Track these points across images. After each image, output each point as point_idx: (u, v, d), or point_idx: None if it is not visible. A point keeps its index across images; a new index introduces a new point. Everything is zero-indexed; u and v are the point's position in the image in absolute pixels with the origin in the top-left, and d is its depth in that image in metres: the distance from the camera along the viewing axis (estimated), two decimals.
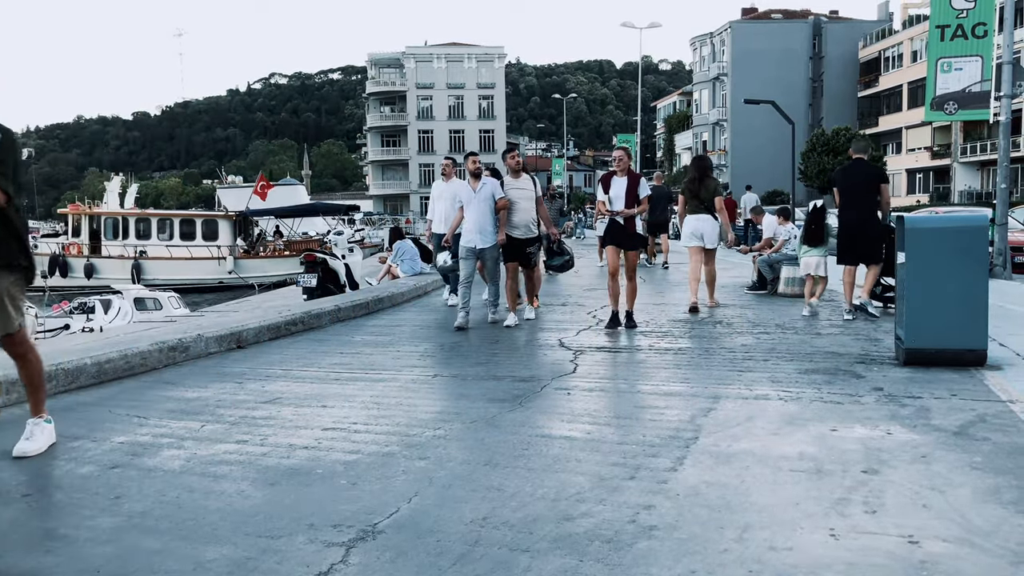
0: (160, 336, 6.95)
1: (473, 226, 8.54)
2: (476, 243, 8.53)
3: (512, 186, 8.80)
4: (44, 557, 2.94)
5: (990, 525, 3.05)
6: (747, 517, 3.17)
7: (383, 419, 4.87)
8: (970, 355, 5.96)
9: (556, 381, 5.76)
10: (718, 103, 62.98)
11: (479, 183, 8.60)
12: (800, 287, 10.47)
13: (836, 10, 67.86)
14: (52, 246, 35.60)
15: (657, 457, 3.96)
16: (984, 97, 15.79)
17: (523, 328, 8.49)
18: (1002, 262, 13.83)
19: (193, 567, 2.82)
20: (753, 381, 5.67)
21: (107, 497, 3.54)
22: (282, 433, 4.54)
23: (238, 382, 5.93)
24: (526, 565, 2.78)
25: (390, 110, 78.61)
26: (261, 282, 27.92)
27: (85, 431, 4.62)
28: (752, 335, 7.79)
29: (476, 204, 8.53)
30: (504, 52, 77.57)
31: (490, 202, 8.56)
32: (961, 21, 15.56)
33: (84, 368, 5.82)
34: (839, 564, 2.74)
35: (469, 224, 8.58)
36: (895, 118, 55.54)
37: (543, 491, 3.51)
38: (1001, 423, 4.46)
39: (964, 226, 6.12)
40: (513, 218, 8.70)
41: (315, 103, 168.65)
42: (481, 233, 8.53)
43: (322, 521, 3.21)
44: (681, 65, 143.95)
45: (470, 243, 8.56)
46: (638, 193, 8.19)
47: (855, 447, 4.06)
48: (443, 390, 5.71)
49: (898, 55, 55.62)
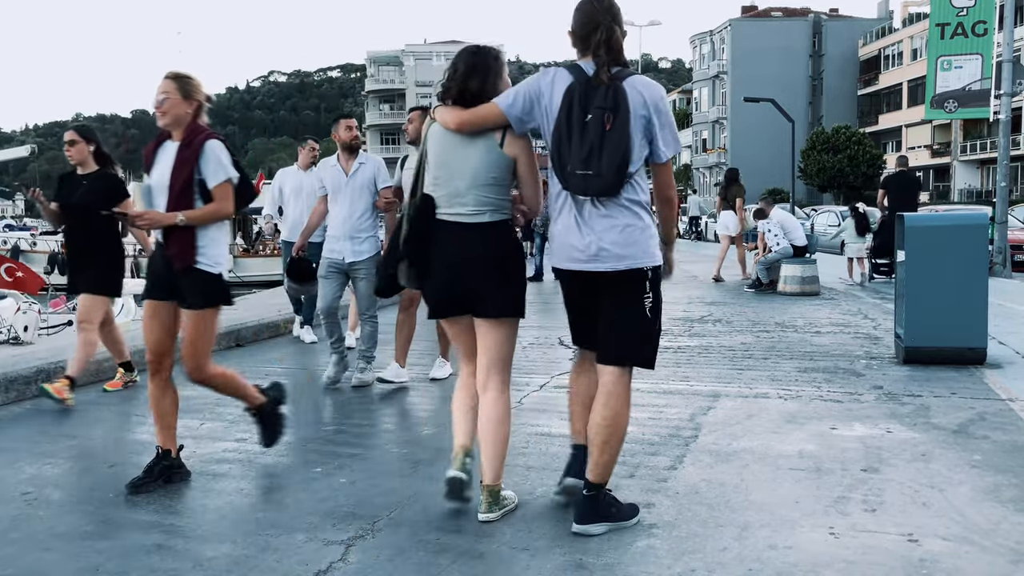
0: None
1: (341, 228, 5.62)
2: (345, 255, 5.61)
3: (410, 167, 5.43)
4: (43, 555, 2.94)
5: (989, 523, 3.05)
6: (747, 516, 3.17)
7: (381, 417, 4.87)
8: (970, 353, 5.96)
9: (555, 379, 5.76)
10: (718, 101, 62.94)
11: (354, 162, 5.68)
12: (799, 285, 11.06)
13: (836, 8, 67.82)
14: (51, 244, 35.53)
15: (657, 455, 3.96)
16: (984, 95, 15.79)
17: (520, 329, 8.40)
18: (1002, 260, 13.83)
19: (192, 565, 2.81)
20: (753, 380, 5.67)
21: (106, 495, 3.53)
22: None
23: None
24: (526, 563, 2.78)
25: (389, 108, 78.57)
26: (261, 280, 27.89)
27: (85, 429, 4.62)
28: (752, 333, 7.79)
29: (347, 194, 5.63)
30: (504, 50, 77.45)
31: (368, 192, 5.67)
32: (961, 19, 15.57)
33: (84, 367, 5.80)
34: (839, 562, 2.74)
35: (335, 225, 5.67)
36: (895, 116, 55.52)
37: (542, 489, 3.51)
38: (1001, 421, 4.46)
39: (964, 224, 6.12)
40: None
41: (314, 101, 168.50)
42: (352, 239, 5.60)
43: (321, 519, 3.21)
44: (681, 63, 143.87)
45: (336, 254, 5.63)
46: None
47: (855, 445, 4.05)
48: (442, 387, 5.70)
49: (898, 53, 55.60)
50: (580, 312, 3.17)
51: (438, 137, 3.18)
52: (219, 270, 3.60)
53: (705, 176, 65.29)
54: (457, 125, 3.10)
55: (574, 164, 2.85)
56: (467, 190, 3.13)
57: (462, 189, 3.13)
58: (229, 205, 3.60)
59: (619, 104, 2.82)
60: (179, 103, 3.52)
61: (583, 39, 2.96)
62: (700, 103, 65.84)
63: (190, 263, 3.50)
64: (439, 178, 3.17)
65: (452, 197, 3.14)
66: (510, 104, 3.04)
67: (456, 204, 3.14)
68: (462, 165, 3.13)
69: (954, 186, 44.23)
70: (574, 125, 2.85)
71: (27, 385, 5.36)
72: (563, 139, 2.88)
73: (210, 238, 3.57)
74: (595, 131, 2.82)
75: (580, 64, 2.97)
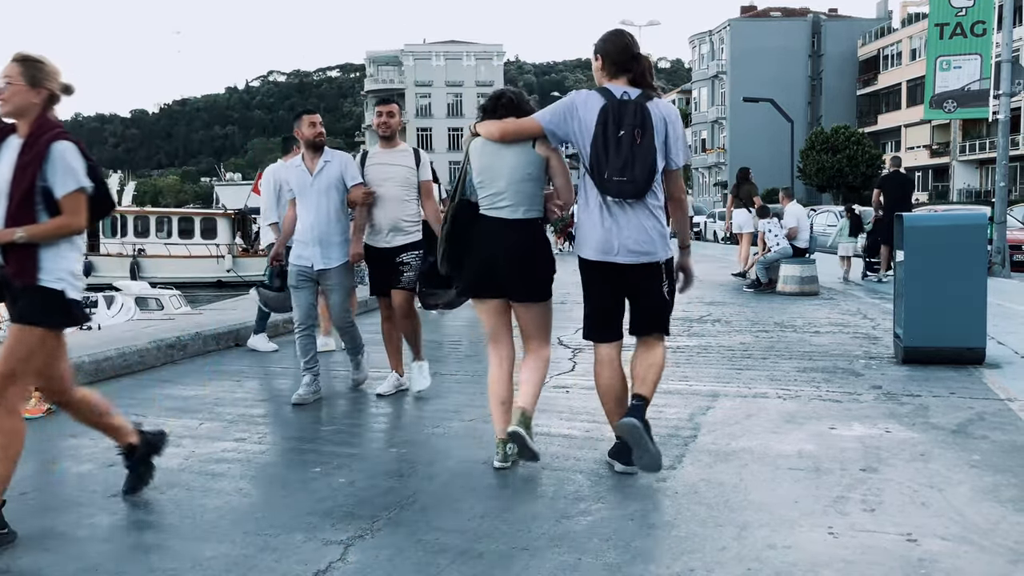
0: (158, 334, 6.94)
1: (309, 233, 5.23)
2: (315, 262, 5.23)
3: (381, 161, 5.32)
4: (42, 555, 2.94)
5: (988, 523, 3.05)
6: (746, 515, 3.17)
7: (381, 417, 4.87)
8: (969, 353, 5.96)
9: (555, 379, 5.76)
10: (717, 101, 62.96)
11: (319, 161, 5.27)
12: (798, 285, 11.09)
13: (835, 8, 67.83)
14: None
15: None
16: (983, 95, 15.79)
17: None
18: (1001, 260, 13.83)
19: (191, 565, 2.81)
20: (752, 379, 5.67)
21: (105, 495, 3.54)
22: (280, 431, 4.53)
23: (236, 380, 5.93)
24: (525, 563, 2.78)
25: None
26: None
27: (83, 429, 4.59)
28: (751, 333, 7.79)
29: (313, 196, 5.23)
30: (503, 50, 77.49)
31: (336, 192, 5.25)
32: (960, 19, 15.57)
33: (82, 366, 5.81)
34: (838, 562, 2.74)
35: (302, 229, 5.28)
36: (894, 116, 55.55)
37: (541, 489, 3.51)
38: (999, 421, 4.46)
39: (963, 224, 6.13)
40: (378, 212, 5.24)
41: (314, 101, 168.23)
42: (322, 244, 5.21)
43: (320, 519, 3.21)
44: (680, 63, 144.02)
45: (304, 261, 5.25)
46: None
47: (854, 445, 4.06)
48: (442, 387, 5.70)
49: (897, 53, 55.63)
50: (603, 301, 3.68)
51: (479, 148, 3.76)
52: (62, 286, 3.10)
53: (704, 176, 65.34)
54: (501, 134, 3.68)
55: (611, 172, 3.40)
56: (506, 187, 3.70)
57: (502, 187, 3.71)
58: (80, 219, 3.11)
59: (646, 121, 3.40)
60: (23, 90, 3.05)
61: (619, 64, 3.53)
62: (699, 103, 65.85)
63: (31, 282, 3.06)
64: (483, 181, 3.76)
65: (494, 197, 3.72)
66: (547, 120, 3.60)
67: (497, 202, 3.72)
68: (501, 165, 3.70)
69: (953, 186, 44.19)
70: (610, 139, 3.40)
71: None
72: (600, 151, 3.42)
73: (54, 251, 3.09)
74: (628, 144, 3.39)
75: (609, 87, 3.51)
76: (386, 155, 5.31)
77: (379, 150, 5.37)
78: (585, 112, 3.49)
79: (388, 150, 5.33)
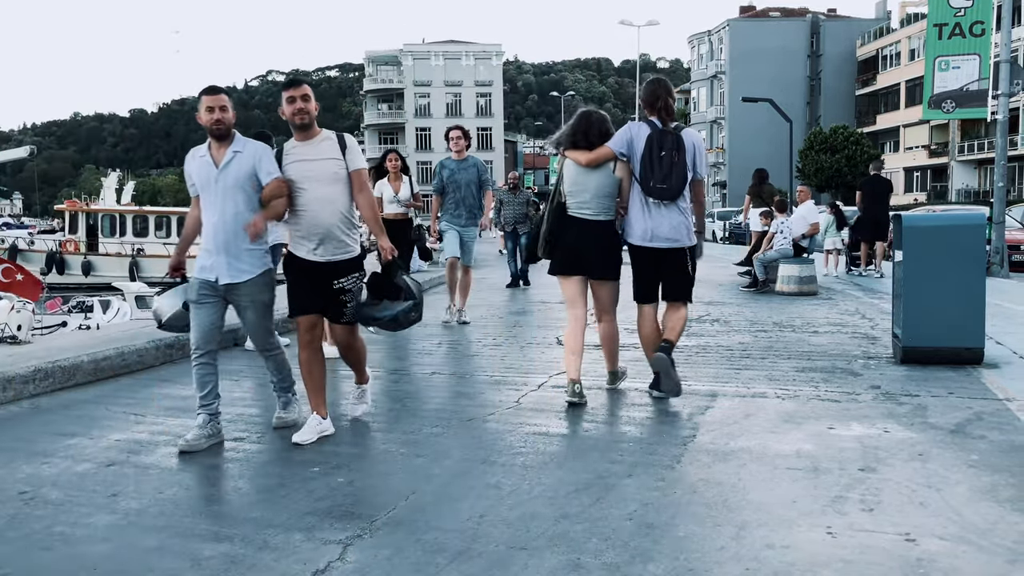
0: (157, 334, 6.93)
1: (213, 239, 4.28)
2: (219, 274, 4.27)
3: (300, 157, 4.38)
4: (41, 554, 2.94)
5: (987, 523, 3.06)
6: (744, 515, 3.17)
7: (379, 416, 4.87)
8: (967, 353, 5.97)
9: (554, 379, 5.76)
10: (716, 101, 62.98)
11: (226, 151, 4.29)
12: (797, 285, 11.16)
13: (834, 8, 67.86)
14: (49, 243, 35.52)
15: (654, 455, 3.96)
16: (982, 95, 15.80)
17: (513, 332, 8.37)
18: (999, 260, 13.85)
19: (190, 564, 2.81)
20: (750, 379, 5.68)
21: (104, 495, 3.53)
22: (279, 430, 4.53)
23: (235, 379, 5.93)
24: (523, 562, 2.78)
25: (387, 108, 78.47)
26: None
27: (82, 428, 4.61)
28: (749, 333, 7.79)
29: (217, 193, 4.26)
30: (502, 50, 77.47)
31: (246, 190, 4.28)
32: (959, 19, 15.59)
33: (81, 366, 5.82)
34: (836, 562, 2.75)
35: (206, 234, 4.32)
36: (893, 116, 55.57)
37: (540, 488, 3.52)
38: (998, 421, 4.46)
39: (961, 224, 6.12)
40: (302, 218, 4.34)
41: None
42: (228, 253, 4.26)
43: (319, 518, 3.21)
44: (679, 63, 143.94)
45: (207, 273, 4.29)
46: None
47: (852, 445, 4.06)
48: (442, 387, 5.70)
49: (896, 53, 55.64)
50: (645, 274, 5.08)
51: (571, 167, 5.05)
52: None
53: None
54: (587, 162, 4.98)
55: (656, 181, 4.82)
56: (591, 199, 5.01)
57: (588, 198, 5.02)
58: None
59: (680, 146, 4.85)
60: None
61: (650, 105, 5.02)
62: (698, 103, 65.86)
63: None
64: (573, 192, 5.04)
65: (581, 204, 5.03)
66: (617, 146, 4.96)
67: (583, 207, 5.03)
68: (588, 182, 5.01)
69: (952, 186, 44.27)
70: (655, 158, 4.83)
71: (24, 384, 5.37)
72: (647, 166, 4.84)
73: None
74: (668, 162, 4.82)
75: (653, 120, 4.96)
76: (305, 148, 4.37)
77: (296, 144, 4.41)
78: (637, 137, 4.90)
79: (306, 142, 4.38)
